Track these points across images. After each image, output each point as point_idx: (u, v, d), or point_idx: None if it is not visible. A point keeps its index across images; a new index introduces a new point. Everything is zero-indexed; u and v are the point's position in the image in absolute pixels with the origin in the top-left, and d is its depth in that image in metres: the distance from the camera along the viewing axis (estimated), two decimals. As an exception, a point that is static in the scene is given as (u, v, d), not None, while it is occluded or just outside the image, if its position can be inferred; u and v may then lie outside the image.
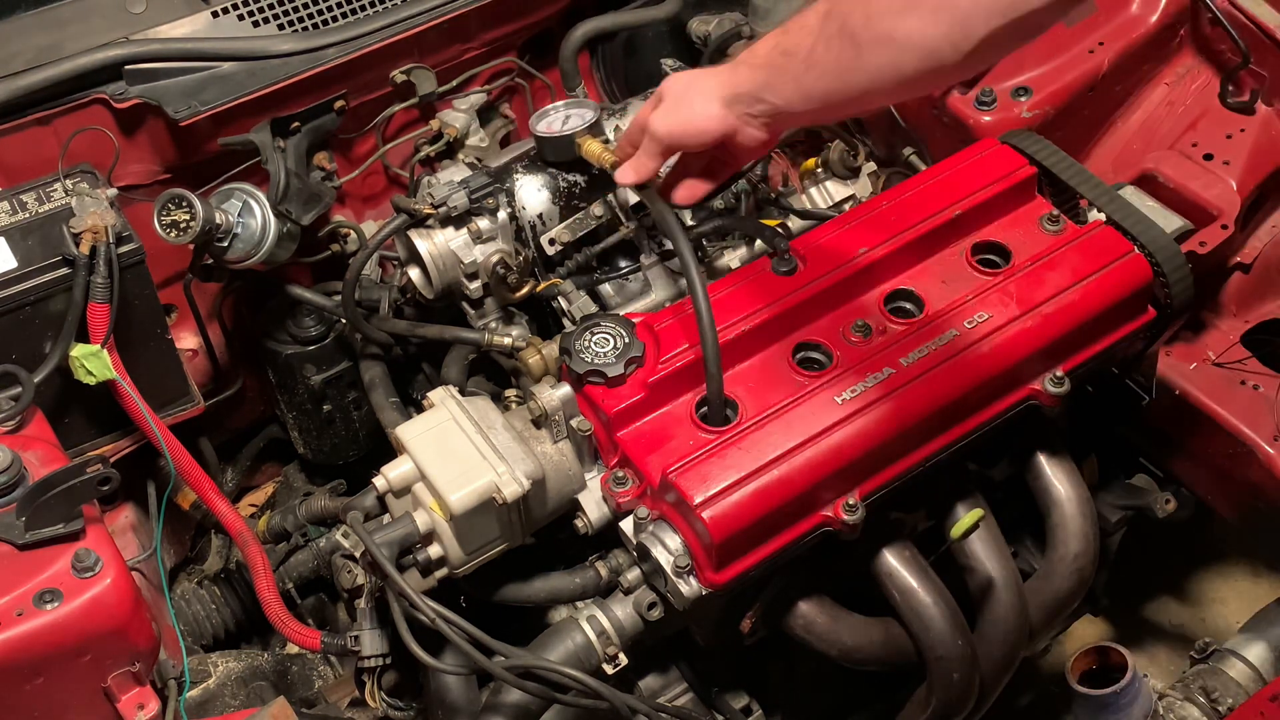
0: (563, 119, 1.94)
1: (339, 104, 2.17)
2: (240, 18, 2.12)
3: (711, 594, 1.60)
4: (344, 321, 2.18)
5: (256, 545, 1.81)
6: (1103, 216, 1.87)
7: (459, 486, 1.60)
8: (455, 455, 1.63)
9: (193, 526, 2.32)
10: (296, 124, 2.13)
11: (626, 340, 1.68)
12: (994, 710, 1.87)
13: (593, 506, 1.70)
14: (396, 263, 2.06)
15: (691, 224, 2.01)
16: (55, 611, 1.47)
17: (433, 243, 1.91)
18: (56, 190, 1.87)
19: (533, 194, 1.96)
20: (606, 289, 2.01)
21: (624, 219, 1.98)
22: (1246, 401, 2.13)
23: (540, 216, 1.96)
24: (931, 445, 1.70)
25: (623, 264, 2.02)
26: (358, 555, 1.75)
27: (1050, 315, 1.75)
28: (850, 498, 1.64)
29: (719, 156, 1.66)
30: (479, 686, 1.76)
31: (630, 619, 1.72)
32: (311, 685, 2.07)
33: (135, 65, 2.04)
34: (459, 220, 1.91)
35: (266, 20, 2.13)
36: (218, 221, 1.96)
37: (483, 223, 1.91)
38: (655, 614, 1.71)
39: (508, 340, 1.89)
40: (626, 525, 1.66)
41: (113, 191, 1.89)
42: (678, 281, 2.00)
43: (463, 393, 1.76)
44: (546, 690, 1.59)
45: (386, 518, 1.68)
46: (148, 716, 1.57)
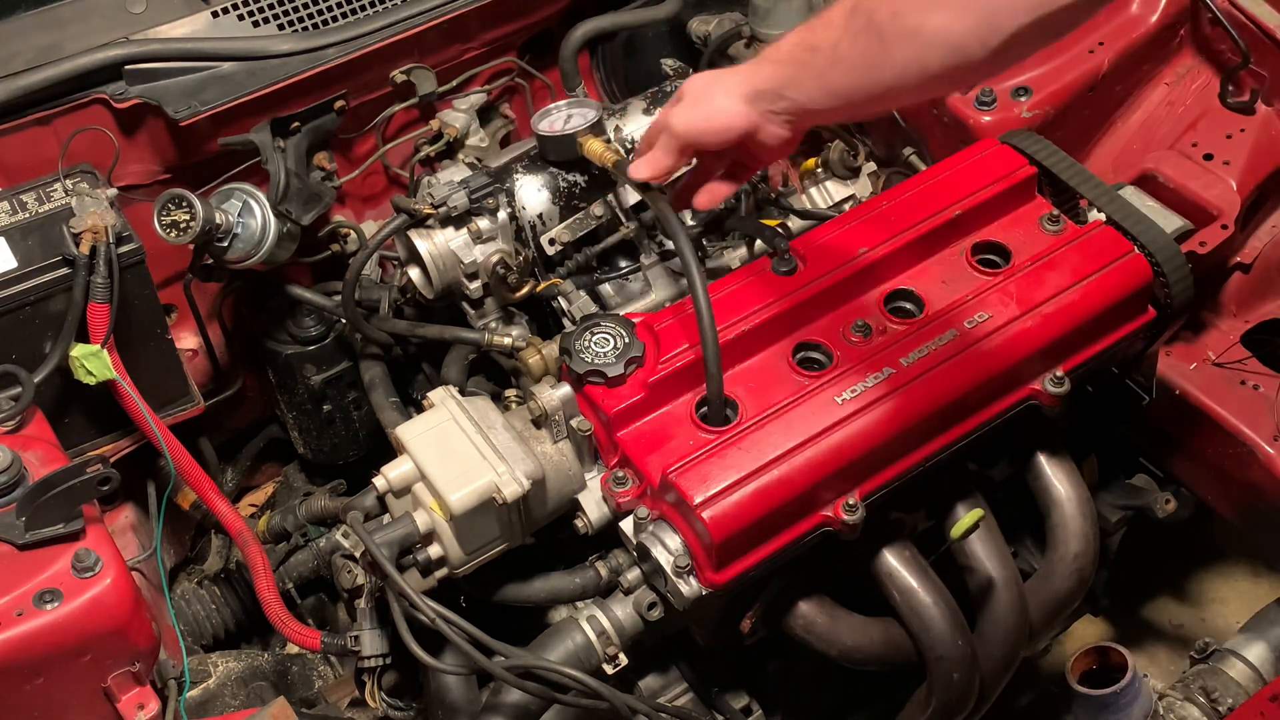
0: (565, 118, 1.94)
1: (339, 104, 2.17)
2: (240, 18, 2.12)
3: (711, 594, 1.60)
4: (344, 321, 2.18)
5: (256, 545, 1.80)
6: (1103, 216, 1.87)
7: (459, 486, 1.60)
8: (455, 455, 1.63)
9: (193, 526, 2.32)
10: (296, 124, 2.13)
11: (626, 340, 1.68)
12: (994, 710, 1.87)
13: (593, 506, 1.70)
14: (396, 263, 2.06)
15: (691, 224, 2.01)
16: (55, 611, 1.47)
17: (433, 243, 1.91)
18: (56, 190, 1.87)
19: (533, 194, 1.96)
20: (606, 289, 2.01)
21: (624, 219, 1.98)
22: (1246, 401, 2.13)
23: (540, 216, 1.96)
24: (931, 445, 1.70)
25: (623, 264, 2.02)
26: (358, 555, 1.74)
27: (1050, 315, 1.75)
28: (850, 498, 1.64)
29: (739, 159, 1.64)
30: (479, 686, 1.76)
31: (630, 619, 1.72)
32: (311, 685, 2.07)
33: (135, 65, 2.04)
34: (459, 220, 1.91)
35: (266, 20, 2.13)
36: (218, 221, 1.96)
37: (483, 223, 1.91)
38: (655, 614, 1.71)
39: (508, 340, 1.89)
40: (626, 525, 1.66)
41: (113, 191, 1.89)
42: (678, 281, 2.00)
43: (463, 393, 1.76)
44: (546, 690, 1.59)
45: (386, 518, 1.68)
46: (148, 716, 1.57)
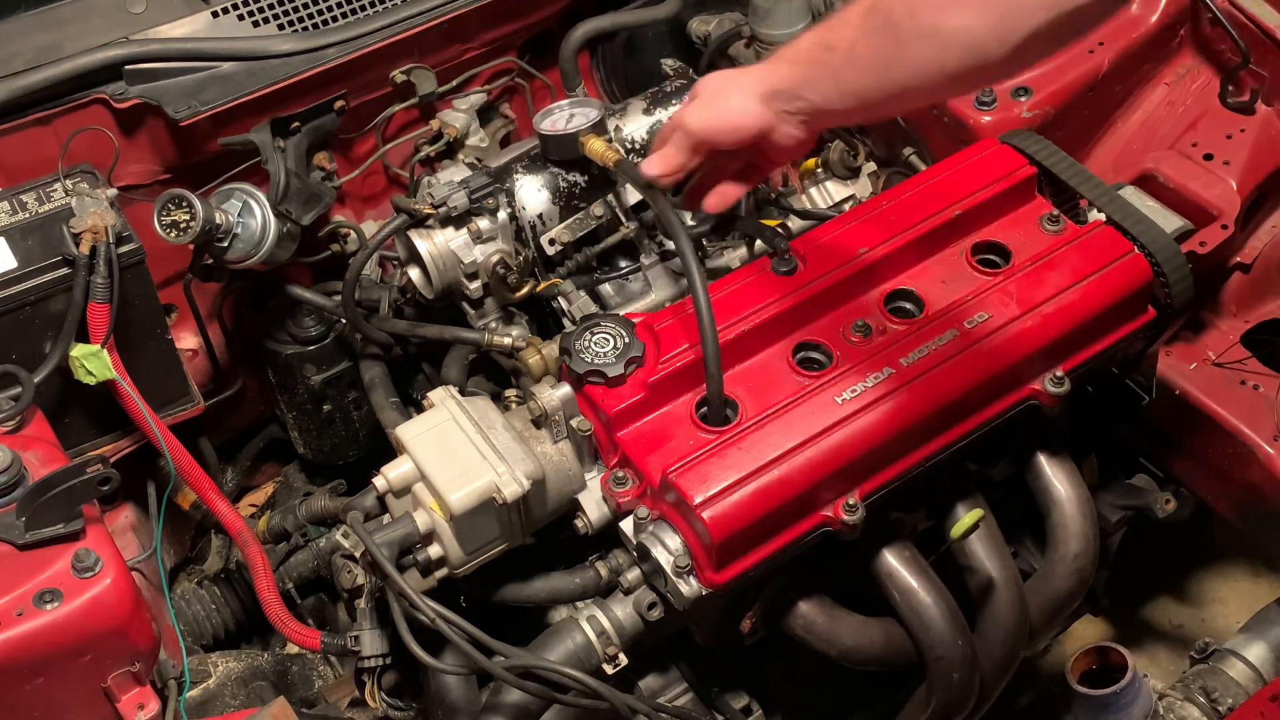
0: (567, 117, 1.94)
1: (339, 104, 2.17)
2: (240, 18, 2.12)
3: (711, 594, 1.60)
4: (344, 321, 2.17)
5: (256, 545, 1.80)
6: (1103, 216, 1.86)
7: (459, 486, 1.60)
8: (455, 455, 1.63)
9: (193, 526, 2.32)
10: (296, 124, 2.13)
11: (626, 340, 1.68)
12: (994, 710, 1.87)
13: (593, 506, 1.70)
14: (396, 263, 2.06)
15: (691, 224, 2.01)
16: (55, 611, 1.47)
17: (433, 243, 1.91)
18: (56, 190, 1.87)
19: (533, 194, 1.96)
20: (606, 289, 2.01)
21: (624, 219, 1.98)
22: (1246, 401, 2.13)
23: (540, 216, 1.96)
24: (932, 445, 1.70)
25: (623, 264, 2.02)
26: (358, 555, 1.74)
27: (1050, 315, 1.75)
28: (850, 498, 1.64)
29: (752, 160, 1.63)
30: (479, 686, 1.76)
31: (630, 619, 1.72)
32: (311, 685, 2.07)
33: (135, 65, 2.04)
34: (459, 220, 1.91)
35: (266, 20, 2.13)
36: (218, 221, 1.96)
37: (483, 223, 1.91)
38: (655, 614, 1.71)
39: (508, 340, 1.88)
40: (626, 525, 1.66)
41: (113, 191, 1.89)
42: (678, 281, 2.00)
43: (463, 393, 1.76)
44: (546, 690, 1.59)
45: (386, 518, 1.68)
46: (148, 716, 1.57)
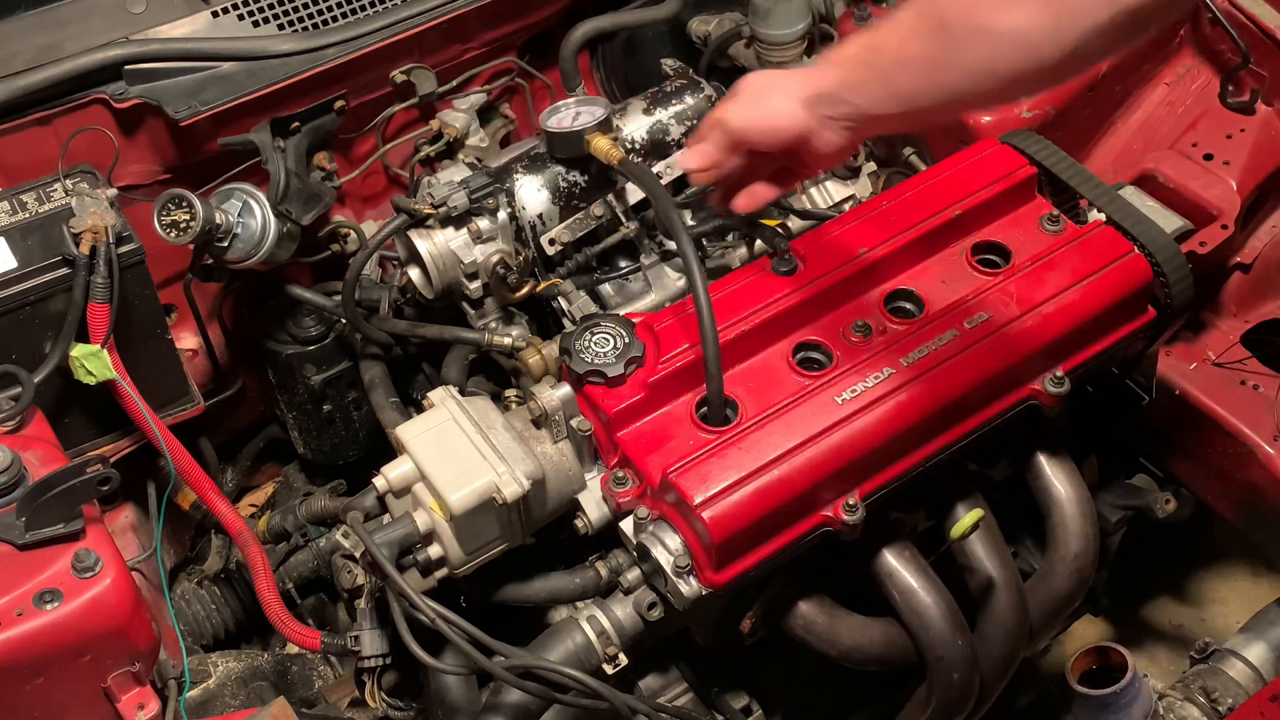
0: (573, 115, 1.94)
1: (339, 104, 2.16)
2: (240, 18, 2.12)
3: (711, 594, 1.60)
4: (344, 321, 2.17)
5: (256, 545, 1.80)
6: (1103, 216, 1.86)
7: (459, 486, 1.60)
8: (455, 455, 1.63)
9: (193, 526, 2.32)
10: (296, 124, 2.13)
11: (626, 340, 1.68)
12: (994, 710, 1.87)
13: (593, 506, 1.70)
14: (396, 263, 2.06)
15: (692, 223, 2.01)
16: (55, 611, 1.47)
17: (433, 243, 1.91)
18: (56, 190, 1.87)
19: (533, 194, 1.96)
20: (606, 289, 2.01)
21: (624, 219, 1.98)
22: (1246, 401, 2.13)
23: (540, 216, 1.96)
24: (932, 445, 1.70)
25: (623, 264, 2.02)
26: (358, 555, 1.74)
27: (1050, 315, 1.75)
28: (850, 498, 1.64)
29: (788, 164, 1.61)
30: (479, 686, 1.76)
31: (630, 619, 1.72)
32: (311, 685, 2.07)
33: (135, 65, 2.04)
34: (459, 220, 1.91)
35: (266, 20, 2.13)
36: (218, 221, 1.96)
37: (483, 223, 1.91)
38: (655, 614, 1.71)
39: (508, 340, 1.88)
40: (626, 525, 1.66)
41: (113, 191, 1.88)
42: (678, 281, 2.00)
43: (463, 393, 1.76)
44: (546, 690, 1.59)
45: (386, 518, 1.68)
46: (148, 716, 1.57)
